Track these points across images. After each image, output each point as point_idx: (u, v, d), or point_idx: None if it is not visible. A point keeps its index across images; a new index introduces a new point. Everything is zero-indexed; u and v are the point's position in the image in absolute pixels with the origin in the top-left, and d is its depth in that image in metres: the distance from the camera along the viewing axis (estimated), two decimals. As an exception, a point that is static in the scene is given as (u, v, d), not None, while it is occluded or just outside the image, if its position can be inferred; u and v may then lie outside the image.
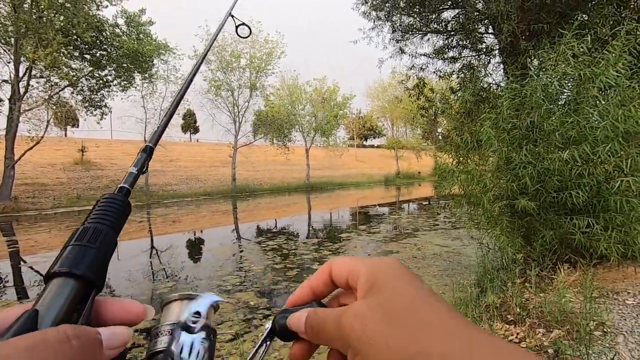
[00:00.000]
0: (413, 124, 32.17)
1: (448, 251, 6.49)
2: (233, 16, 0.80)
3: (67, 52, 15.32)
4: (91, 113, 17.61)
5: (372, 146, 57.20)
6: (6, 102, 14.30)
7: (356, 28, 9.98)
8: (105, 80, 17.43)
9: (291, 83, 26.58)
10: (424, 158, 33.98)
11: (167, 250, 7.53)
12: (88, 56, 16.38)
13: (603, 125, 3.31)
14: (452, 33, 9.03)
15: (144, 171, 0.43)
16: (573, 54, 3.74)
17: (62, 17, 13.82)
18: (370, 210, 14.46)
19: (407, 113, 28.09)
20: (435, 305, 0.25)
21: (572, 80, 3.98)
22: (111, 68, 17.24)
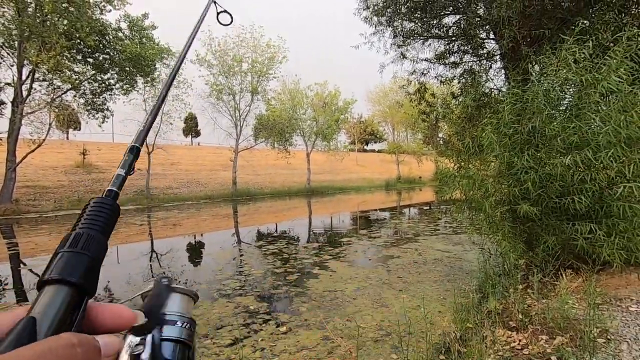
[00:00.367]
0: (414, 129, 32.20)
1: (449, 256, 6.45)
2: (216, 2, 0.77)
3: (70, 56, 15.41)
4: (93, 116, 17.67)
5: (373, 151, 57.31)
6: (9, 105, 14.37)
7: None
8: (107, 83, 17.52)
9: (292, 87, 26.69)
10: (425, 163, 33.95)
11: (168, 253, 7.51)
12: (91, 60, 16.47)
13: (605, 130, 3.31)
14: (454, 38, 9.07)
15: (131, 172, 0.42)
16: (574, 60, 3.74)
17: (66, 21, 13.91)
18: (371, 214, 14.42)
19: (408, 118, 28.11)
20: None
21: (574, 85, 3.98)
22: (114, 72, 17.32)
